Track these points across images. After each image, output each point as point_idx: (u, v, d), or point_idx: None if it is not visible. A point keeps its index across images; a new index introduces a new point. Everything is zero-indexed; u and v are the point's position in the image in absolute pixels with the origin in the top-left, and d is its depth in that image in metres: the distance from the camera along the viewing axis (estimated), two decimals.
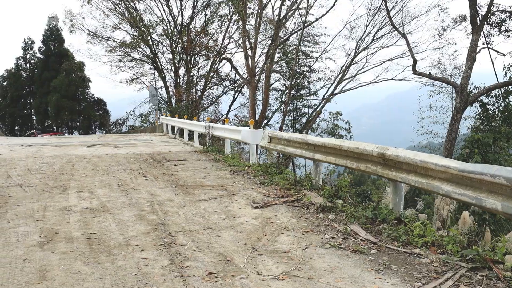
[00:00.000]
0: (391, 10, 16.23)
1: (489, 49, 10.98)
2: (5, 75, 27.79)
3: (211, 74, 23.34)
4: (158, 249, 3.12)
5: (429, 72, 11.58)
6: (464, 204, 4.08)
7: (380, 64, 17.65)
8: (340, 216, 4.24)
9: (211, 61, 23.16)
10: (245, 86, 22.36)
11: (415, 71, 11.31)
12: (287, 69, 21.01)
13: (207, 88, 23.84)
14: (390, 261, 3.08)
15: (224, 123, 21.83)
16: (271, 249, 3.24)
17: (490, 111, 10.49)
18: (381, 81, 18.22)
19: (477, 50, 9.95)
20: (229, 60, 19.89)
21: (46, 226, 3.63)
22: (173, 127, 16.21)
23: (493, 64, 11.03)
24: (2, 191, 5.12)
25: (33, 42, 28.28)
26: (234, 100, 23.44)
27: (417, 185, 3.78)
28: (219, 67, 23.35)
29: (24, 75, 28.10)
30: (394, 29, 12.38)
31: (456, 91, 10.06)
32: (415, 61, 11.10)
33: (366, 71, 18.10)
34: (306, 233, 3.69)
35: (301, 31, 17.24)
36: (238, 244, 3.33)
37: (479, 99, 10.42)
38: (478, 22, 9.95)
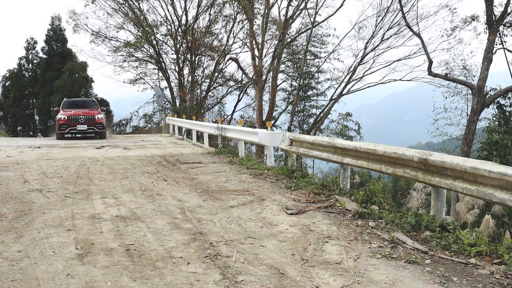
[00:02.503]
0: (400, 11, 16.14)
1: (505, 50, 10.89)
2: (7, 75, 27.52)
3: (216, 74, 23.19)
4: (204, 261, 2.96)
5: (446, 73, 11.43)
6: None
7: (389, 65, 17.54)
8: (380, 223, 4.10)
9: (216, 61, 23.02)
10: (250, 86, 22.21)
11: (430, 72, 11.19)
12: (293, 69, 20.87)
13: (211, 88, 23.68)
14: (448, 272, 2.94)
15: (228, 123, 21.75)
16: (321, 260, 3.09)
17: (507, 113, 10.38)
18: (389, 81, 18.12)
19: (493, 51, 9.85)
20: (236, 60, 19.72)
21: (79, 236, 3.46)
22: (180, 128, 16.03)
23: (509, 65, 10.93)
24: (24, 196, 4.94)
25: (35, 42, 28.03)
26: (239, 100, 23.29)
27: (465, 192, 3.64)
28: (223, 67, 23.20)
29: (27, 75, 27.83)
30: (408, 29, 12.25)
31: (472, 93, 9.94)
32: (430, 62, 10.96)
33: (374, 72, 17.99)
34: (351, 242, 3.54)
35: (309, 31, 17.08)
36: (286, 254, 3.18)
37: (495, 100, 10.33)
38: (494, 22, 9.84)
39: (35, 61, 28.20)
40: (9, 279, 2.60)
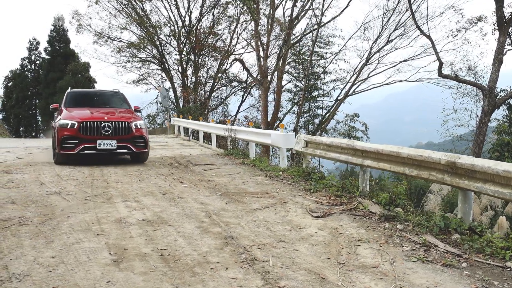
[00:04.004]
0: (407, 11, 16.15)
1: None
2: (10, 76, 27.42)
3: (219, 74, 23.16)
4: (242, 266, 2.93)
5: (456, 75, 11.41)
6: None
7: (394, 66, 17.55)
8: (407, 226, 4.08)
9: (219, 61, 22.99)
10: (254, 87, 22.18)
11: (441, 74, 11.20)
12: (298, 70, 20.85)
13: (215, 89, 23.65)
14: (487, 276, 2.92)
15: (232, 124, 21.70)
16: (358, 264, 3.07)
17: None
18: (394, 82, 18.13)
19: (504, 52, 9.87)
20: (241, 61, 19.70)
21: (110, 241, 3.43)
22: (185, 129, 15.99)
23: None
24: (44, 200, 4.90)
25: (38, 43, 27.99)
26: (243, 101, 23.27)
27: (497, 195, 3.62)
28: (227, 68, 23.17)
29: (29, 75, 27.76)
30: (417, 30, 12.26)
31: (483, 94, 9.95)
32: (441, 63, 10.97)
33: (379, 73, 18.00)
34: (383, 245, 3.52)
35: (315, 31, 17.07)
36: (321, 258, 3.16)
37: (506, 101, 10.33)
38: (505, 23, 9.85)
39: (37, 62, 28.13)
40: (50, 285, 2.57)
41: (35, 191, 5.44)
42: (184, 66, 22.94)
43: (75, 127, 7.35)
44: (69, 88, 9.81)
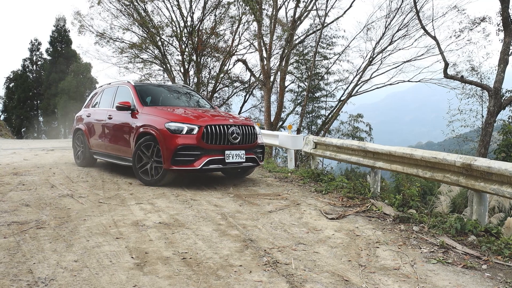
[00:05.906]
0: (409, 12, 16.18)
1: None
2: (11, 77, 27.39)
3: (221, 75, 23.16)
4: (266, 269, 2.95)
5: (461, 76, 11.44)
6: None
7: (397, 66, 17.59)
8: (422, 228, 4.11)
9: (221, 62, 22.99)
10: (256, 87, 22.19)
11: (446, 75, 11.25)
12: (301, 71, 20.87)
13: (217, 89, 23.66)
14: (509, 278, 2.94)
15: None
16: (379, 266, 3.09)
17: None
18: (397, 82, 18.17)
19: (510, 53, 9.91)
20: (244, 62, 19.71)
21: (130, 244, 3.44)
22: None
23: None
24: (57, 202, 4.91)
25: (39, 44, 27.94)
26: (245, 101, 23.28)
27: None
28: (229, 68, 23.18)
29: (31, 76, 27.73)
30: (423, 31, 12.30)
31: (489, 95, 9.99)
32: (446, 64, 11.00)
33: (382, 73, 18.03)
34: (401, 247, 3.54)
35: (318, 32, 17.11)
36: (342, 261, 3.17)
37: None
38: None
39: (39, 63, 28.10)
40: None
41: (47, 193, 5.44)
42: (186, 66, 22.92)
43: (194, 132, 5.42)
44: (129, 81, 7.03)
